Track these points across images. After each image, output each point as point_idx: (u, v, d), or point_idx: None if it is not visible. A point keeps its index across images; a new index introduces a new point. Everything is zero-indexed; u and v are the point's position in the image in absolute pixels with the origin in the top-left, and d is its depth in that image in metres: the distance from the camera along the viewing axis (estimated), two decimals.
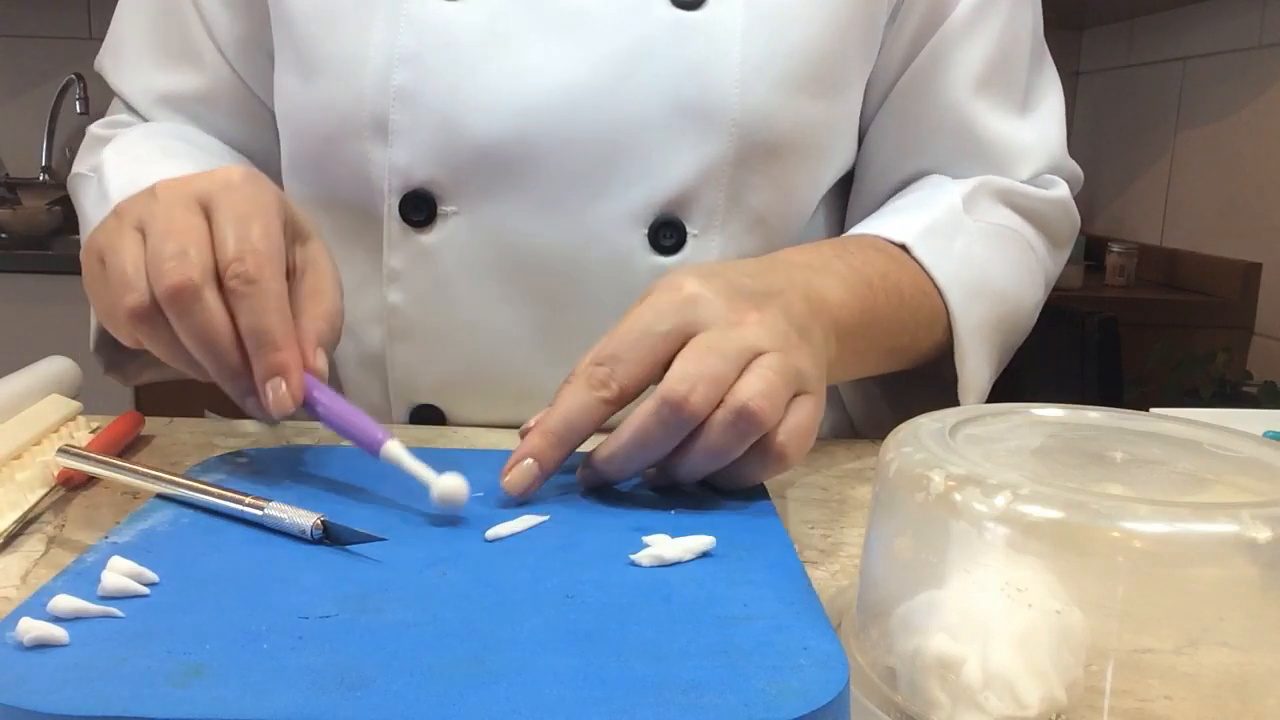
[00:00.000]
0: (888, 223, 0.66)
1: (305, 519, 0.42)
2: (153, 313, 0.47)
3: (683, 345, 0.47)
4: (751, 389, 0.45)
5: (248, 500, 0.43)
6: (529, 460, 0.47)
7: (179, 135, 0.74)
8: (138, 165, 0.68)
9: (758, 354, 0.47)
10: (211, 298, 0.47)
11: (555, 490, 0.49)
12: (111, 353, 0.68)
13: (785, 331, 0.48)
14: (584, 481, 0.49)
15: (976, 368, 0.66)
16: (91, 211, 0.70)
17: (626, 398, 0.48)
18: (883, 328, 0.60)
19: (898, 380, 0.72)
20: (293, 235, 0.52)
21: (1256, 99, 2.11)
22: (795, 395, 0.48)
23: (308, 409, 0.49)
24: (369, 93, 0.63)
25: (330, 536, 0.41)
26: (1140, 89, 2.52)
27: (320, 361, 0.50)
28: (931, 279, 0.64)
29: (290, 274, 0.51)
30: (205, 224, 0.48)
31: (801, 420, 0.47)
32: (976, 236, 0.68)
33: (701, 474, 0.48)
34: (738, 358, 0.46)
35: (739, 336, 0.47)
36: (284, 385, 0.48)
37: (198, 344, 0.47)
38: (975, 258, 0.67)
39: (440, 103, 0.62)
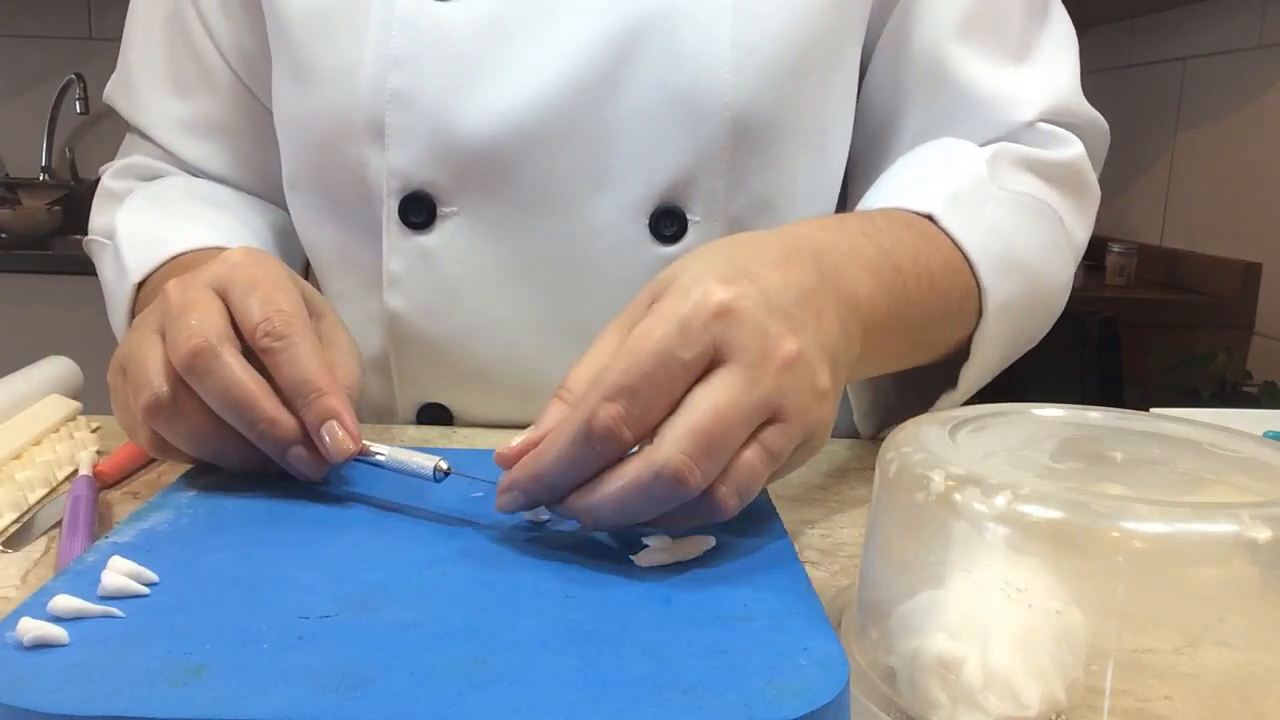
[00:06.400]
0: (911, 192, 0.62)
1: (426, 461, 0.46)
2: (169, 404, 0.46)
3: (704, 373, 0.40)
4: (736, 480, 0.40)
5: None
6: (517, 493, 0.42)
7: (189, 193, 0.74)
8: (152, 234, 0.68)
9: (772, 420, 0.41)
10: (230, 355, 0.46)
11: None
12: None
13: (813, 374, 0.42)
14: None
15: (991, 346, 0.62)
16: (112, 283, 0.70)
17: (636, 443, 0.41)
18: (913, 320, 0.55)
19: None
20: (307, 311, 0.50)
21: (1256, 99, 2.11)
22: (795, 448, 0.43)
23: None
24: (364, 96, 0.63)
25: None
26: (1140, 89, 2.52)
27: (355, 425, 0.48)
28: (961, 251, 0.60)
29: None
30: (220, 303, 0.48)
31: (764, 478, 0.42)
32: (1005, 206, 0.63)
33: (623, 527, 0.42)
34: (754, 417, 0.40)
35: (764, 388, 0.40)
36: (339, 428, 0.46)
37: (225, 402, 0.45)
38: (1004, 229, 0.62)
39: (436, 104, 0.62)
